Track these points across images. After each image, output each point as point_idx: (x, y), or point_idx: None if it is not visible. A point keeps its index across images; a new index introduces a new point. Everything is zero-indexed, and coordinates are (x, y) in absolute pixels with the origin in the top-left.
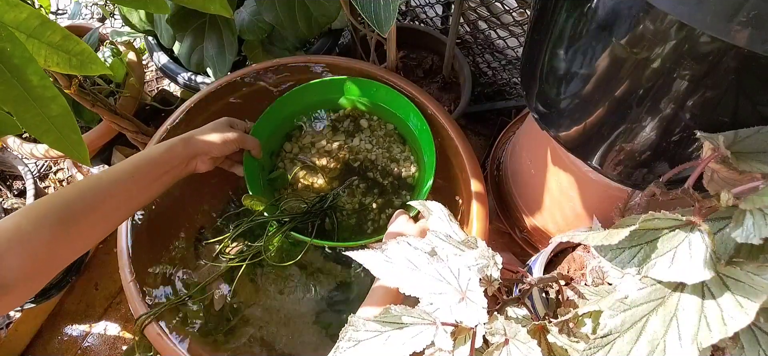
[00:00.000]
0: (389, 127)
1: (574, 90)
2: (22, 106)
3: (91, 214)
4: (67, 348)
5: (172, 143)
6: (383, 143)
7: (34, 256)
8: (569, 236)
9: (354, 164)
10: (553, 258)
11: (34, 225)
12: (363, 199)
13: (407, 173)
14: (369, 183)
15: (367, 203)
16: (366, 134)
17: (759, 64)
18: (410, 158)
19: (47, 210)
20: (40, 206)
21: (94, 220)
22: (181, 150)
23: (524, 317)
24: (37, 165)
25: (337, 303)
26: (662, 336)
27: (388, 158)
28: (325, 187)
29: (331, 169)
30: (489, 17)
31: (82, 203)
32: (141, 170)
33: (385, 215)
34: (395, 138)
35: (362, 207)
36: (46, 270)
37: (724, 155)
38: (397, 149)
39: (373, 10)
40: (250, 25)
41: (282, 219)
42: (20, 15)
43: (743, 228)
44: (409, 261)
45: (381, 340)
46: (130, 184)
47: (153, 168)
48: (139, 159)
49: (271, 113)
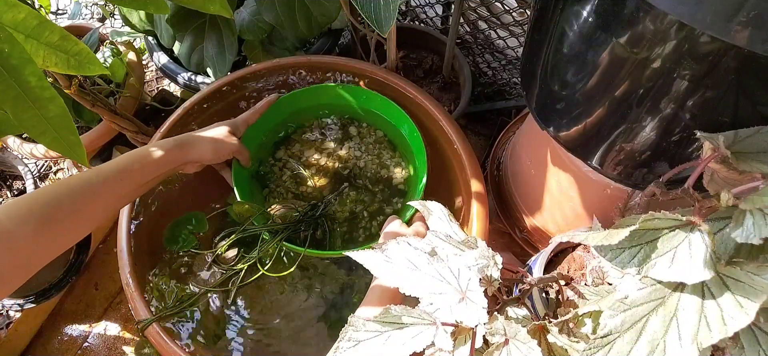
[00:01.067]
0: (379, 134)
1: (574, 90)
2: (20, 106)
3: (76, 214)
4: (67, 348)
5: (167, 147)
6: (373, 150)
7: (14, 254)
8: (569, 236)
9: (344, 172)
10: (553, 258)
11: (16, 223)
12: (354, 207)
13: (398, 179)
14: (360, 191)
15: (358, 211)
16: (356, 141)
17: (759, 64)
18: (401, 164)
19: (31, 208)
20: (23, 204)
21: (79, 220)
22: (175, 155)
23: (524, 317)
24: (37, 165)
25: (338, 303)
26: (662, 336)
27: (378, 164)
28: (315, 195)
29: (321, 177)
30: (489, 17)
31: (69, 202)
32: (132, 171)
33: (376, 222)
34: (385, 145)
35: (353, 215)
36: (26, 268)
37: (724, 155)
38: (387, 155)
39: (373, 10)
40: (250, 25)
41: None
42: (18, 15)
43: (743, 228)
44: (409, 261)
45: (381, 340)
46: (119, 186)
47: (145, 170)
48: (131, 160)
49: (262, 122)
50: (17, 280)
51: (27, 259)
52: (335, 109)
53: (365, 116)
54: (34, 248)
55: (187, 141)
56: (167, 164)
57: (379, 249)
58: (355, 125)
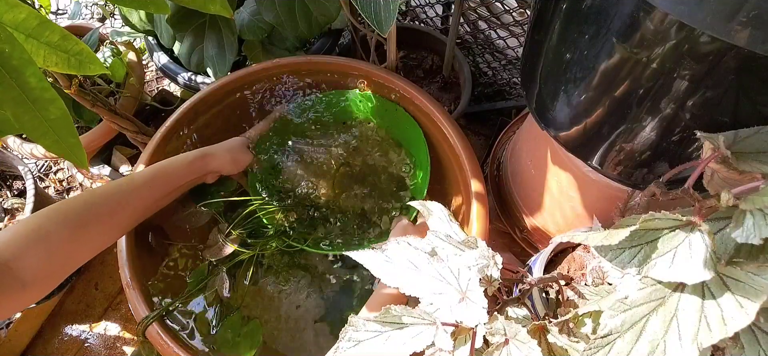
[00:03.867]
0: (383, 133)
1: (574, 90)
2: (20, 108)
3: (109, 219)
4: (67, 348)
5: (191, 160)
6: (380, 149)
7: (52, 256)
8: (569, 236)
9: (352, 171)
10: (553, 258)
11: (56, 226)
12: (363, 205)
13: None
14: (367, 189)
15: (368, 209)
16: (363, 140)
17: (759, 64)
18: (406, 162)
19: (68, 213)
20: (62, 209)
21: (110, 225)
22: (199, 165)
23: (524, 317)
24: (37, 165)
25: (339, 304)
26: (662, 337)
27: (385, 163)
28: (326, 194)
29: (330, 176)
30: (489, 17)
31: (104, 208)
32: (161, 180)
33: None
34: (391, 144)
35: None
36: (62, 270)
37: (724, 155)
38: (393, 154)
39: (373, 10)
40: (250, 25)
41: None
42: (19, 15)
43: (743, 228)
44: (410, 261)
45: (381, 340)
46: (148, 193)
47: (172, 179)
48: (160, 170)
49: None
50: (54, 281)
51: (64, 261)
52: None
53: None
54: (70, 250)
55: (210, 153)
56: (191, 174)
57: (380, 249)
58: (363, 124)
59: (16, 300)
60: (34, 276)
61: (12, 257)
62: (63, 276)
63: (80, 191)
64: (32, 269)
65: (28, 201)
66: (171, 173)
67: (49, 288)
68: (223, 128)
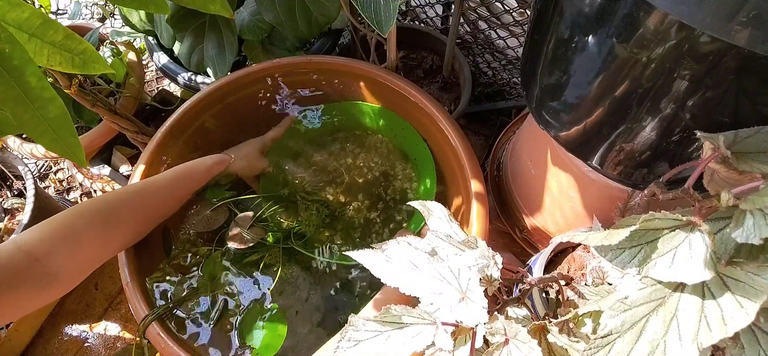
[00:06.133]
0: (390, 145)
1: (574, 90)
2: (20, 107)
3: (132, 220)
4: (67, 348)
5: (210, 165)
6: (387, 162)
7: (80, 253)
8: (569, 236)
9: (359, 181)
10: (553, 258)
11: (86, 224)
12: (368, 214)
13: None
14: (373, 199)
15: (372, 218)
16: (370, 150)
17: (759, 64)
18: (411, 177)
19: (95, 212)
20: (92, 207)
21: (135, 225)
22: (217, 168)
23: (524, 317)
24: (37, 165)
25: (340, 304)
26: (662, 337)
27: (391, 176)
28: (333, 202)
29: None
30: (489, 17)
31: (129, 207)
32: (179, 184)
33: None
34: (397, 155)
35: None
36: (89, 267)
37: (724, 155)
38: (399, 166)
39: (373, 10)
40: (250, 25)
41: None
42: (22, 14)
43: (743, 228)
44: (410, 261)
45: (381, 340)
46: (169, 194)
47: (192, 180)
48: (179, 174)
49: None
50: (81, 277)
51: (91, 257)
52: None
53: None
54: (98, 248)
55: (228, 159)
56: (209, 176)
57: (380, 249)
58: (372, 136)
59: (45, 295)
60: (63, 272)
61: (44, 254)
62: (89, 272)
63: (80, 191)
64: (62, 265)
65: (28, 201)
66: (191, 176)
67: (75, 283)
68: (224, 128)
